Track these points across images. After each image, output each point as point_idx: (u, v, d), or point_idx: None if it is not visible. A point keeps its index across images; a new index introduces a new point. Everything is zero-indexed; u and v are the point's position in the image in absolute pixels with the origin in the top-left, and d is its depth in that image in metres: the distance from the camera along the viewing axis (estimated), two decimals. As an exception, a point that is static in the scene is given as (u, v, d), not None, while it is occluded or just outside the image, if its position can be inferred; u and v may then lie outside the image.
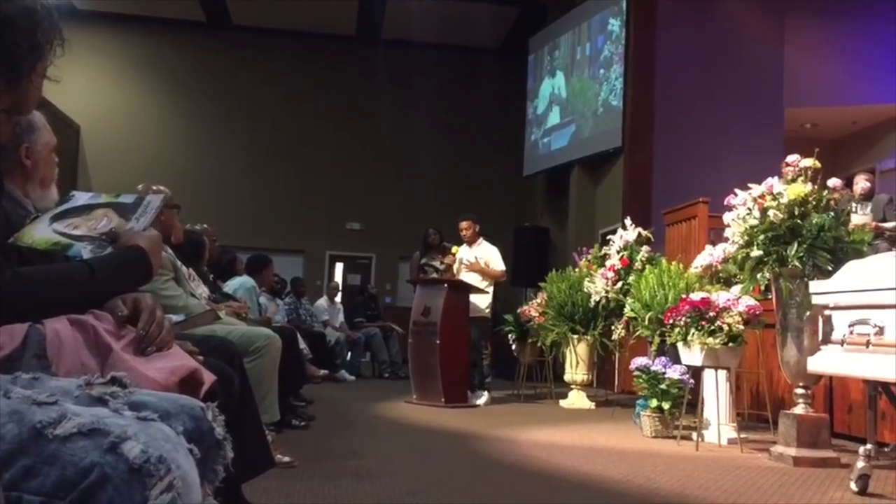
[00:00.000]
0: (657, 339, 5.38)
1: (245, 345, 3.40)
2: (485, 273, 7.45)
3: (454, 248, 7.63)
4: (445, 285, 7.04)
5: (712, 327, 4.73)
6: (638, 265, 6.69)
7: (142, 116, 14.65)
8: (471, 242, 7.70)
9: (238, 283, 5.96)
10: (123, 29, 14.50)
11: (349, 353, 10.74)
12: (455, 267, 7.55)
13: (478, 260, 7.48)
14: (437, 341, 6.79)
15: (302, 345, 6.32)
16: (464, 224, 7.71)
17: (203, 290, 4.46)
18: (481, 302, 7.44)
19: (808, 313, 4.19)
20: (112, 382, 1.14)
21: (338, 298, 11.45)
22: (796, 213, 4.22)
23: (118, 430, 0.94)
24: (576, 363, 7.38)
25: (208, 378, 1.47)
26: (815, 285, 3.69)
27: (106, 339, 1.36)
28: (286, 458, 3.59)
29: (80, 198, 1.73)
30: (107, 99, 14.49)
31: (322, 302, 11.02)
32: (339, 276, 14.94)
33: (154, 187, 3.53)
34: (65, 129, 12.96)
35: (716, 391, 4.94)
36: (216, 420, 1.18)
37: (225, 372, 2.22)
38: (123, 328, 1.42)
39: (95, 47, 13.80)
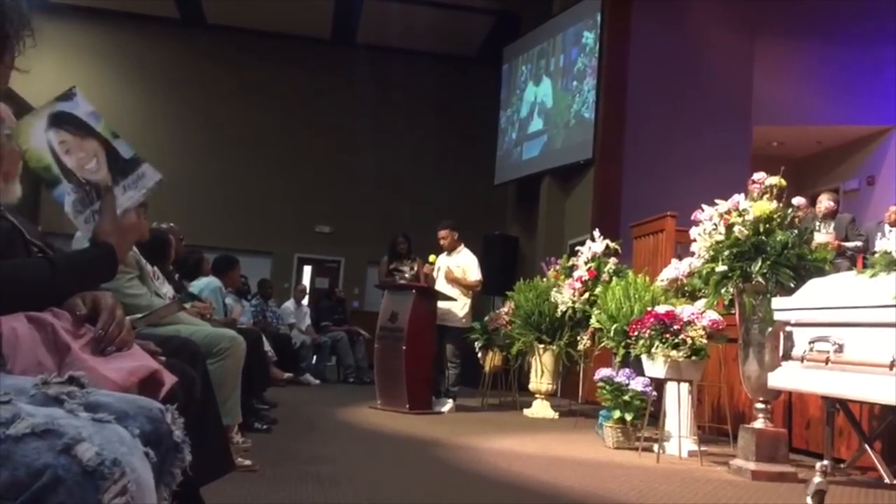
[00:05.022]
0: (622, 351, 5.42)
1: (209, 346, 3.35)
2: (458, 282, 7.43)
3: (431, 257, 7.57)
4: (413, 291, 7.03)
5: (676, 340, 4.77)
6: (605, 277, 6.75)
7: (111, 111, 14.44)
8: (450, 250, 7.65)
9: (204, 284, 5.90)
10: (96, 23, 14.32)
11: (314, 357, 10.67)
12: (434, 275, 7.51)
13: (450, 270, 7.45)
14: (404, 347, 6.77)
15: (267, 347, 6.27)
16: (442, 233, 7.64)
17: (168, 290, 4.41)
18: (459, 311, 7.42)
19: (769, 329, 4.25)
20: (69, 382, 1.12)
21: (305, 301, 11.38)
22: (761, 230, 4.28)
23: (72, 432, 0.93)
24: (541, 373, 7.40)
25: (169, 379, 1.45)
26: (777, 301, 3.74)
27: (64, 337, 1.34)
28: (247, 462, 3.56)
29: (80, 105, 1.63)
30: (76, 92, 14.28)
31: (289, 304, 10.94)
32: (306, 279, 14.86)
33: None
34: (31, 121, 12.75)
35: (678, 404, 4.99)
36: (175, 422, 1.16)
37: (187, 373, 2.19)
38: (82, 327, 1.39)
39: (66, 40, 13.61)
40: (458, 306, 7.39)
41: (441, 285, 7.40)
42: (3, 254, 1.49)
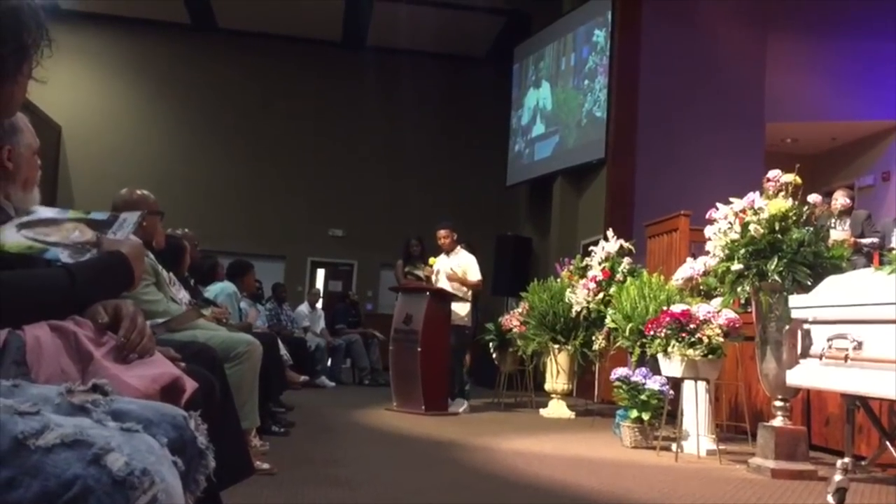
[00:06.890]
0: (638, 350, 5.40)
1: (226, 351, 3.37)
2: (461, 282, 7.45)
3: (431, 260, 7.63)
4: (427, 293, 7.04)
5: (692, 339, 4.75)
6: (619, 277, 6.73)
7: (124, 118, 14.54)
8: (448, 251, 7.69)
9: (219, 289, 5.92)
10: (107, 29, 14.39)
11: (330, 360, 10.70)
12: (433, 278, 7.56)
13: (454, 271, 7.47)
14: (419, 349, 6.78)
15: (282, 351, 6.28)
16: (442, 232, 7.70)
17: (184, 295, 4.42)
18: (460, 310, 7.43)
19: (787, 327, 4.22)
20: (93, 390, 1.13)
21: (319, 304, 11.41)
22: (777, 227, 4.26)
23: (101, 442, 0.93)
24: (556, 373, 7.39)
25: (190, 385, 1.45)
26: (794, 299, 3.72)
27: (87, 345, 1.34)
28: (265, 465, 3.57)
29: (45, 212, 1.66)
30: (89, 100, 14.37)
31: (303, 308, 10.97)
32: (320, 283, 14.89)
33: (138, 192, 3.50)
34: (46, 129, 12.84)
35: (695, 402, 4.97)
36: (199, 429, 1.16)
37: (206, 378, 2.19)
38: (104, 335, 1.40)
39: (78, 47, 13.67)
40: (461, 305, 7.42)
41: (442, 287, 7.42)
42: (22, 264, 1.50)
